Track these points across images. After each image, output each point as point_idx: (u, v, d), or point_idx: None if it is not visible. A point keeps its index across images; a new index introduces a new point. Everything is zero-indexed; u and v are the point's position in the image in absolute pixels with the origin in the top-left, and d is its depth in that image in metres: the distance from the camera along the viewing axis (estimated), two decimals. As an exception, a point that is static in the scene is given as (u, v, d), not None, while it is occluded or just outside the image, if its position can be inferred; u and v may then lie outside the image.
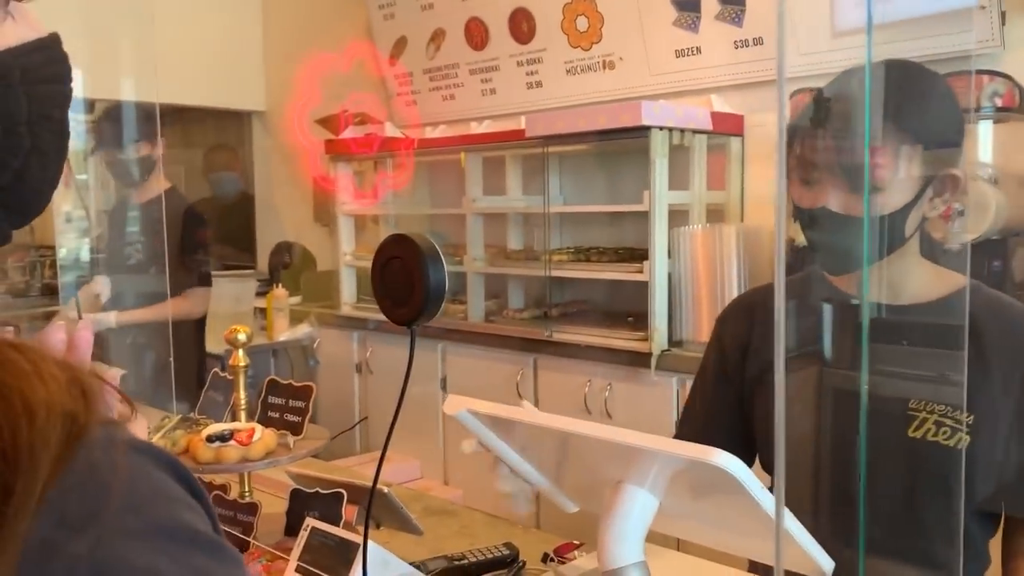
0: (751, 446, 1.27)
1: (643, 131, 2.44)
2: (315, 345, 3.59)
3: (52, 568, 0.39)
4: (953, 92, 1.14)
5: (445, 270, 0.74)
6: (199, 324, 3.03)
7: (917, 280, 1.14)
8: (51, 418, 0.40)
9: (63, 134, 0.59)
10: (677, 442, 0.80)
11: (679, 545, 1.42)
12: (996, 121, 1.94)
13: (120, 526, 0.41)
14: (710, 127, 2.60)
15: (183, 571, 0.42)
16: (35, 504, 0.39)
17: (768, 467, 1.24)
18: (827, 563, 0.85)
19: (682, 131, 2.53)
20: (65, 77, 0.59)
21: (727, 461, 0.75)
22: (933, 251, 1.46)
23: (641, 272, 2.54)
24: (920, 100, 1.09)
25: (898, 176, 1.07)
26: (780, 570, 0.55)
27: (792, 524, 0.81)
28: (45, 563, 0.39)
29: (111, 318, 2.79)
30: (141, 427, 0.55)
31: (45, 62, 0.57)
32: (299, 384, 1.41)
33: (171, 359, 2.20)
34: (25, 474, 0.39)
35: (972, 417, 1.05)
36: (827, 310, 1.13)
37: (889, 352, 1.07)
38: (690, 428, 1.33)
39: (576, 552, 1.40)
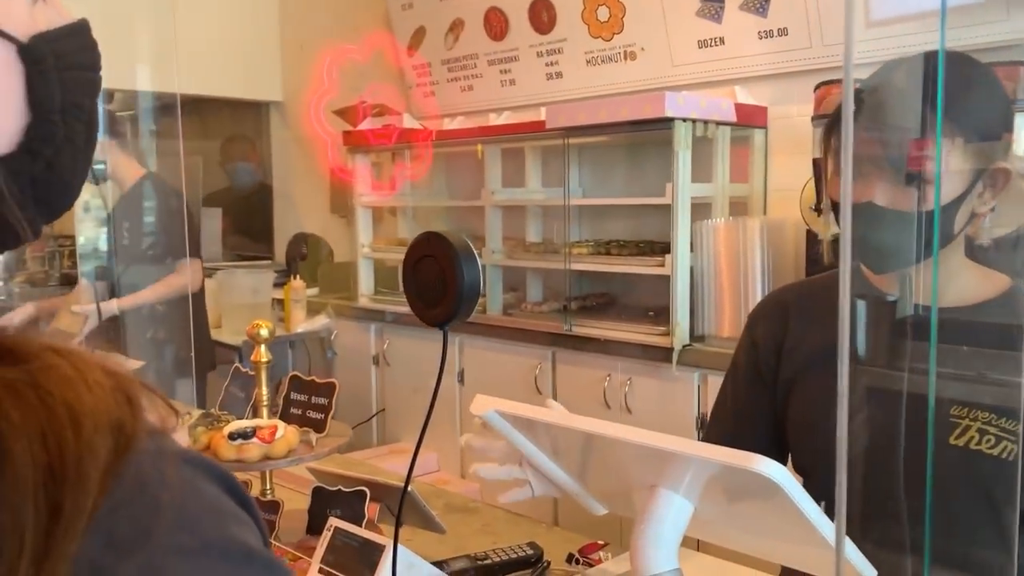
0: (784, 448, 1.24)
1: (666, 123, 2.41)
2: (332, 337, 3.58)
3: None
4: (1000, 82, 1.11)
5: (480, 269, 0.71)
6: (200, 304, 3.06)
7: (961, 282, 1.10)
8: (99, 428, 0.38)
9: (92, 125, 0.57)
10: (717, 448, 0.77)
11: (699, 546, 1.39)
12: (1031, 113, 1.88)
13: (172, 545, 0.39)
14: (734, 119, 2.56)
15: None
16: (85, 523, 0.36)
17: (801, 469, 1.21)
18: (870, 572, 0.83)
19: (706, 123, 2.50)
20: (96, 64, 0.57)
21: (770, 468, 0.72)
22: (973, 250, 1.42)
23: (663, 266, 2.51)
24: (967, 90, 1.05)
25: (946, 169, 1.03)
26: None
27: (833, 532, 0.78)
28: None
29: (113, 305, 2.81)
30: (181, 435, 0.52)
31: (78, 48, 0.55)
32: (322, 381, 1.39)
33: (191, 353, 2.19)
34: (74, 490, 0.36)
35: (1021, 425, 1.01)
36: (866, 309, 1.10)
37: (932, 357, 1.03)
38: (720, 429, 1.30)
39: (601, 553, 1.38)
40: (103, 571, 0.37)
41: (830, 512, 0.78)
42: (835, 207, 1.14)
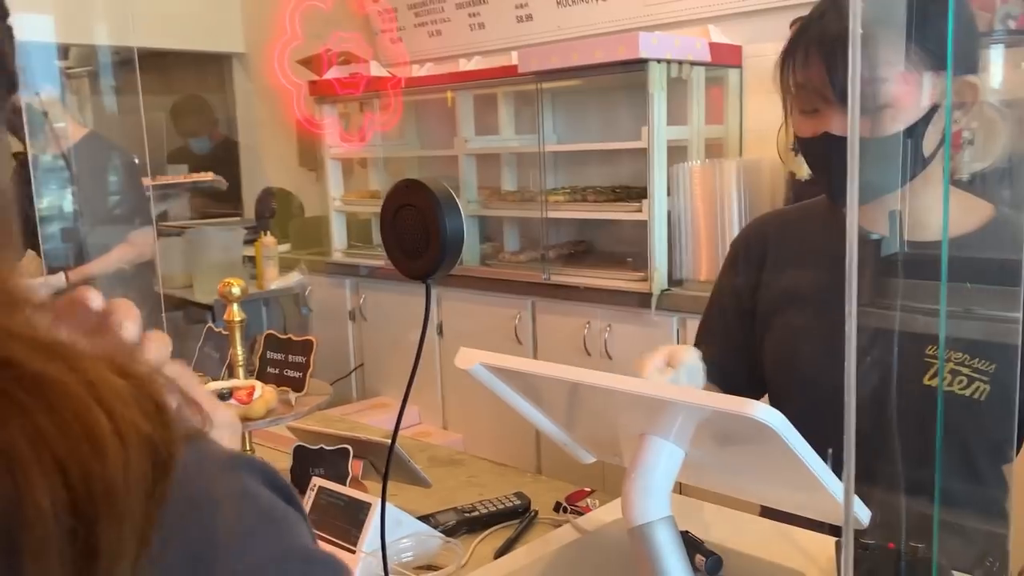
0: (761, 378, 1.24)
1: (641, 64, 2.36)
2: (307, 293, 3.53)
3: None
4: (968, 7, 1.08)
5: (463, 218, 0.68)
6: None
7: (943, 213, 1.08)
8: (127, 449, 0.31)
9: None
10: (710, 394, 0.76)
11: (680, 488, 1.39)
12: (1008, 45, 1.86)
13: (235, 570, 0.35)
14: (708, 59, 2.51)
15: None
16: (133, 561, 0.31)
17: (777, 405, 1.21)
18: (864, 513, 0.82)
19: (680, 63, 2.45)
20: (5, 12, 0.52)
21: (766, 414, 0.70)
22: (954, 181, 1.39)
23: (640, 211, 2.49)
24: (935, 17, 1.01)
25: (908, 92, 1.00)
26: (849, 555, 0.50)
27: (830, 476, 0.77)
28: None
29: (61, 279, 2.74)
30: (227, 435, 0.46)
31: None
32: (299, 338, 1.36)
33: (162, 315, 2.14)
34: (109, 527, 0.30)
35: (995, 365, 0.99)
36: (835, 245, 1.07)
37: (909, 294, 1.01)
38: (707, 351, 1.31)
39: (588, 500, 1.37)
40: None
41: (819, 452, 0.77)
42: (802, 144, 1.11)
